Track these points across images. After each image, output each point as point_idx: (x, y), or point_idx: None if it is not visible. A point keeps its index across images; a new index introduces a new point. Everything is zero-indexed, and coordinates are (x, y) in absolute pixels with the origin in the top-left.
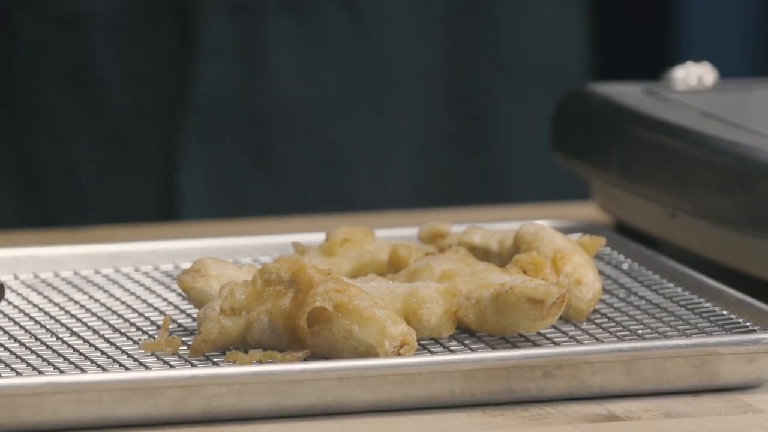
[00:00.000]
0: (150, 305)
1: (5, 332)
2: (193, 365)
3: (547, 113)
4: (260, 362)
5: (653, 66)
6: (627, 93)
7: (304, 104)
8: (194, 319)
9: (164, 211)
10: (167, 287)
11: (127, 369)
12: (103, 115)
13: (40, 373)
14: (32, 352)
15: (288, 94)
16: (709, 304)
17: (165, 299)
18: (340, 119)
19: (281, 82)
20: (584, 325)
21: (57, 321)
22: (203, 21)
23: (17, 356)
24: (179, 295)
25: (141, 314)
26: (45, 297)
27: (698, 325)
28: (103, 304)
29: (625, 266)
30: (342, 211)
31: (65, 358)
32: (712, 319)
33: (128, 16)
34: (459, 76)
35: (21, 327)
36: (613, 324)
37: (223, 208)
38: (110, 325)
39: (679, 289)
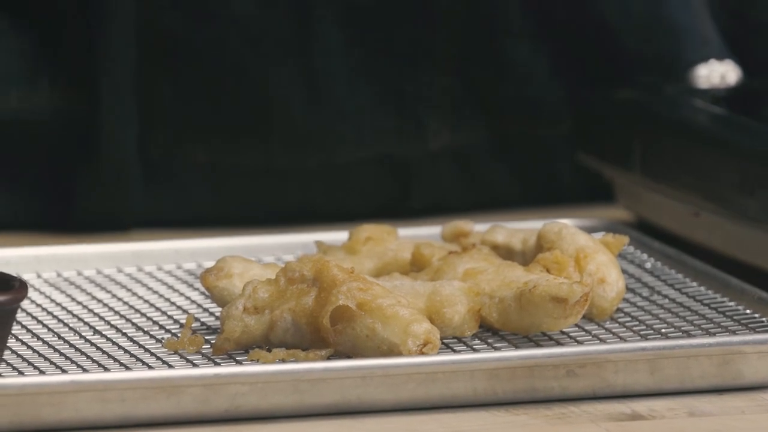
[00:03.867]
0: (173, 304)
1: (28, 330)
2: (216, 364)
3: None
4: (283, 361)
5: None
6: (650, 92)
7: None
8: (217, 318)
9: None
10: (190, 286)
11: (150, 367)
12: None
13: (63, 371)
14: (55, 350)
15: None
16: (732, 303)
17: (188, 298)
18: None
19: None
20: (607, 324)
21: (80, 319)
22: None
23: (40, 354)
24: (202, 293)
25: (164, 313)
26: (68, 295)
27: (722, 323)
28: (126, 303)
29: (648, 265)
30: None
31: (88, 357)
32: (735, 317)
33: None
34: None
35: (44, 325)
36: (637, 323)
37: None
38: (133, 324)
39: (702, 288)
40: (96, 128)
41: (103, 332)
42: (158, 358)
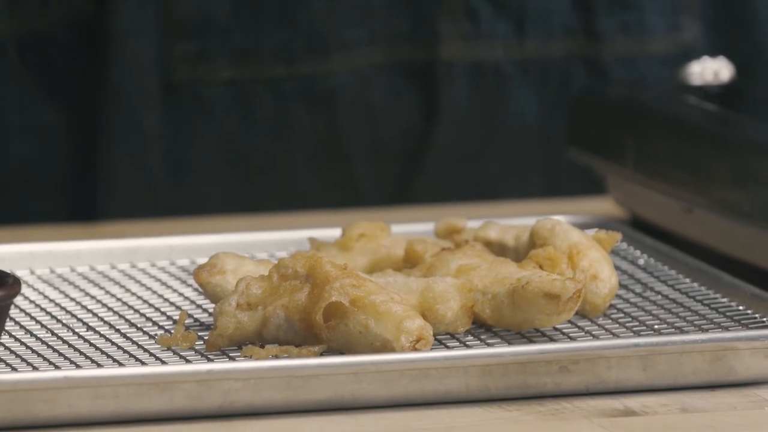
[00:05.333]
0: (166, 300)
1: (22, 327)
2: (209, 360)
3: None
4: (276, 357)
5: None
6: (643, 88)
7: None
8: (210, 314)
9: None
10: (183, 282)
11: (143, 363)
12: None
13: (57, 367)
14: (48, 346)
15: None
16: (725, 299)
17: (181, 294)
18: None
19: None
20: (600, 321)
21: (73, 316)
22: None
23: (33, 351)
24: (195, 290)
25: (157, 309)
26: (61, 292)
27: (714, 320)
28: (119, 299)
29: (641, 261)
30: None
31: (81, 353)
32: (728, 314)
33: None
34: None
35: (37, 322)
36: (629, 319)
37: None
38: (126, 320)
39: (695, 284)
40: (111, 41)
41: (97, 329)
42: (151, 354)
